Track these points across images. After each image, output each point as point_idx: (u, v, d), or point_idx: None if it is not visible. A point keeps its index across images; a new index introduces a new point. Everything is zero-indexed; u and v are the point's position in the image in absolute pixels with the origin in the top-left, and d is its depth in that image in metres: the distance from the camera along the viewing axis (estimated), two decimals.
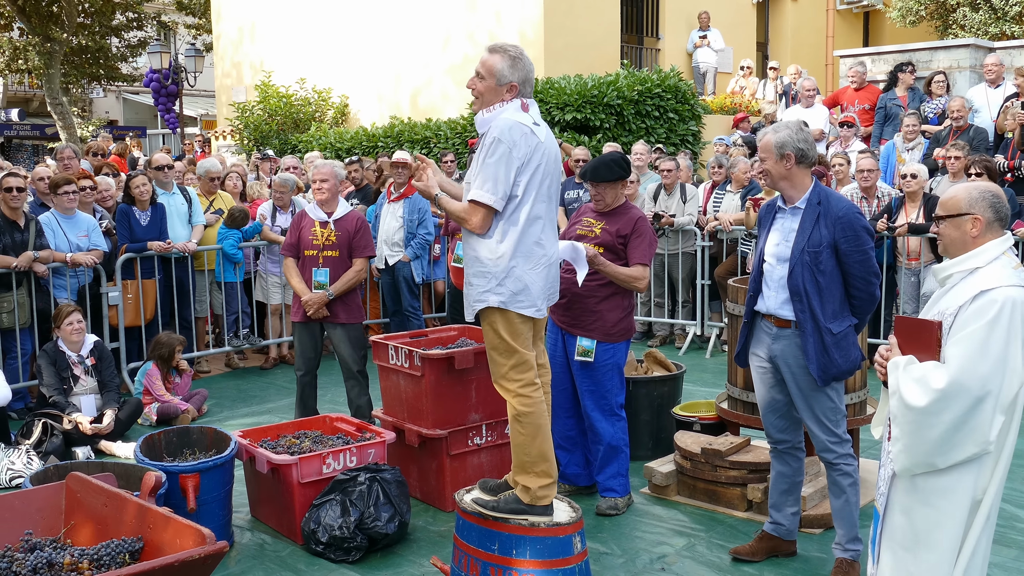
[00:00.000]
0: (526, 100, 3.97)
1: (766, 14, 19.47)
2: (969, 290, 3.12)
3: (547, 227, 3.99)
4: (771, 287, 4.31)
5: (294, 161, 11.08)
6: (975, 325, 3.03)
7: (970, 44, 13.75)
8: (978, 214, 3.20)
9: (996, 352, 3.01)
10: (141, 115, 32.86)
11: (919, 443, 3.10)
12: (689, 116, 12.93)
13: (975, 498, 3.12)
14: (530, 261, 3.90)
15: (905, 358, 3.16)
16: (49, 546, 3.46)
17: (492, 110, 3.94)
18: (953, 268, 3.24)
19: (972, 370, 3.01)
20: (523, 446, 3.93)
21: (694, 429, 5.76)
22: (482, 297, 3.90)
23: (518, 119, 3.88)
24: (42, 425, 6.27)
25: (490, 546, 3.93)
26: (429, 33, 15.96)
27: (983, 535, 3.17)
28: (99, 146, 12.32)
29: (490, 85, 3.94)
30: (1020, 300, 3.05)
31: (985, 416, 3.02)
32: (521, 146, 3.84)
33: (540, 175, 3.91)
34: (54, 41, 22.23)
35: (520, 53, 3.97)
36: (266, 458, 4.83)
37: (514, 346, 3.91)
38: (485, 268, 3.90)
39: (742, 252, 8.85)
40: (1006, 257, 3.18)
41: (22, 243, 7.25)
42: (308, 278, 6.27)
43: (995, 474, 3.14)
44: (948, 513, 3.12)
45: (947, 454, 3.07)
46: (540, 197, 3.92)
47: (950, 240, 3.26)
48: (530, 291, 3.90)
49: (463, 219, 3.91)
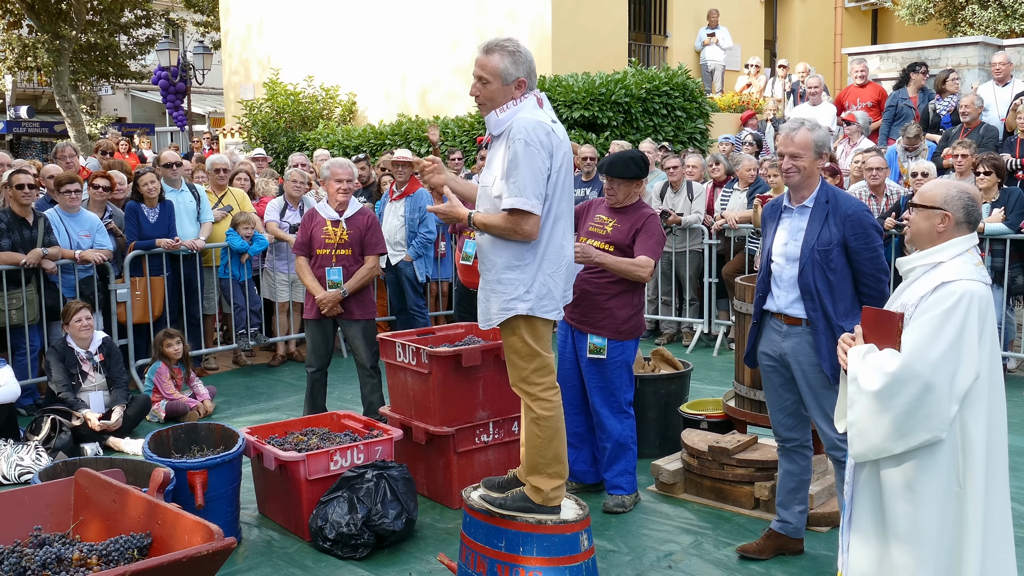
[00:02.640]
0: (540, 96, 3.86)
1: (774, 12, 19.43)
2: (930, 282, 3.22)
3: (567, 227, 3.91)
4: (781, 286, 4.30)
5: (303, 158, 11.08)
6: (931, 313, 3.13)
7: (979, 42, 13.71)
8: (949, 212, 3.29)
9: (948, 340, 3.08)
10: (149, 112, 32.90)
11: (874, 427, 3.17)
12: (697, 114, 12.91)
13: (950, 490, 3.15)
14: (553, 264, 3.83)
15: (866, 347, 3.25)
16: (58, 541, 3.47)
17: (506, 109, 3.79)
18: (917, 262, 3.34)
19: (923, 355, 3.09)
20: (539, 448, 3.89)
21: (701, 427, 5.76)
22: (510, 305, 3.79)
23: (538, 118, 3.76)
24: (51, 421, 6.29)
25: (497, 543, 3.93)
26: (437, 30, 15.96)
27: (990, 534, 3.17)
28: (108, 144, 12.35)
29: (497, 87, 3.78)
30: (978, 293, 3.15)
31: (937, 402, 3.09)
32: (547, 146, 3.72)
33: (563, 174, 3.81)
34: (63, 38, 22.28)
35: (517, 46, 3.81)
36: (274, 455, 4.84)
37: (537, 350, 3.84)
38: (511, 276, 3.79)
39: (750, 250, 8.84)
40: (969, 254, 3.29)
41: (31, 240, 7.27)
42: (320, 277, 6.29)
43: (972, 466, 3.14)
44: (921, 504, 3.16)
45: (900, 439, 3.13)
46: (563, 197, 3.84)
47: (917, 229, 3.36)
48: (553, 295, 3.83)
49: (510, 230, 3.73)
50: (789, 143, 4.19)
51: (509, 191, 3.70)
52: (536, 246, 3.79)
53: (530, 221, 3.71)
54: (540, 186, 3.71)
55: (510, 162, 3.71)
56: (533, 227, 3.73)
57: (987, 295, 3.18)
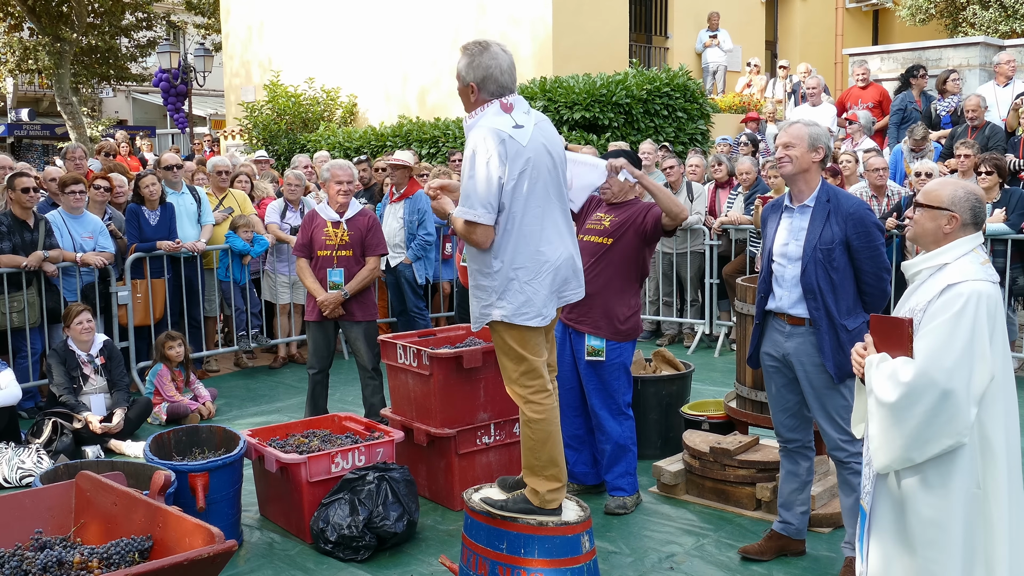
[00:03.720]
0: (507, 100, 3.74)
1: (775, 12, 19.44)
2: (937, 285, 3.17)
3: (548, 230, 3.78)
4: (783, 286, 4.29)
5: (307, 160, 11.08)
6: (941, 318, 3.08)
7: (980, 42, 13.70)
8: (957, 213, 3.24)
9: (962, 344, 3.04)
10: (150, 115, 32.94)
11: (894, 438, 3.12)
12: (698, 115, 12.91)
13: (970, 492, 3.12)
14: (530, 272, 3.72)
15: (879, 356, 3.20)
16: (59, 544, 3.46)
17: (472, 116, 3.76)
18: (922, 264, 3.29)
19: (938, 362, 3.04)
20: (533, 450, 3.89)
21: (703, 428, 5.75)
22: (485, 312, 3.79)
23: (496, 124, 3.66)
24: (52, 424, 6.29)
25: (499, 545, 3.93)
26: (437, 32, 15.97)
27: (1017, 535, 3.13)
28: (111, 146, 12.35)
29: (459, 88, 3.78)
30: (986, 293, 3.09)
31: (956, 408, 3.04)
32: (499, 154, 3.61)
33: (528, 179, 3.69)
34: (64, 41, 22.30)
35: (480, 49, 3.72)
36: (275, 457, 4.84)
37: (523, 354, 3.79)
38: (484, 283, 3.78)
39: (751, 252, 8.83)
40: (974, 253, 3.23)
41: (32, 243, 7.27)
42: (322, 278, 6.29)
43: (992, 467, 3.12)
44: (943, 508, 3.12)
45: (923, 448, 3.09)
46: (535, 201, 3.72)
47: (922, 230, 3.30)
48: (533, 302, 3.73)
49: (464, 236, 3.76)
50: (784, 134, 4.24)
51: (460, 200, 3.72)
52: (500, 255, 3.72)
53: (477, 231, 3.68)
54: (490, 195, 3.63)
55: (462, 171, 3.71)
56: (482, 236, 3.69)
57: (995, 294, 3.13)
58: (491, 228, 3.68)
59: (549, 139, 3.86)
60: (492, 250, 3.73)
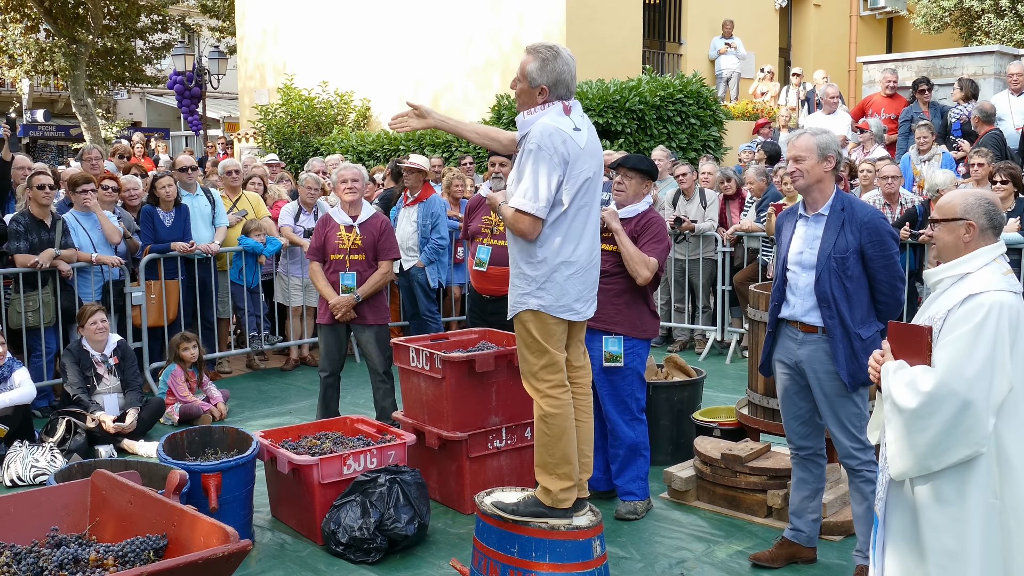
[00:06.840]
0: (568, 103, 3.92)
1: (789, 20, 19.41)
2: (958, 294, 3.17)
3: (588, 231, 3.96)
4: (797, 294, 4.29)
5: (322, 164, 11.11)
6: (963, 328, 3.08)
7: (995, 51, 13.66)
8: (972, 220, 3.25)
9: (983, 355, 3.04)
10: (164, 117, 33.08)
11: (912, 446, 3.12)
12: (711, 121, 12.90)
13: (987, 502, 3.11)
14: (571, 267, 3.89)
15: (896, 363, 3.20)
16: (75, 542, 3.49)
17: (532, 112, 3.92)
18: (944, 273, 3.29)
19: (959, 373, 3.04)
20: (547, 447, 3.93)
21: (714, 434, 5.75)
22: (522, 300, 3.91)
23: (558, 124, 3.83)
24: (66, 423, 6.33)
25: (510, 549, 3.94)
26: (451, 36, 16.01)
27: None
28: (125, 148, 12.42)
29: (524, 88, 3.94)
30: (1008, 304, 3.09)
31: (976, 418, 3.04)
32: (561, 153, 3.79)
33: (581, 180, 3.87)
34: (80, 43, 22.45)
35: (553, 55, 3.90)
36: (287, 458, 4.86)
37: (545, 346, 3.90)
38: (526, 272, 3.90)
39: (762, 261, 8.81)
40: (996, 263, 3.24)
41: (48, 242, 7.32)
42: (335, 282, 6.31)
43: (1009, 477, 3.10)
44: (960, 518, 3.11)
45: (940, 456, 3.09)
46: (582, 202, 3.89)
47: (943, 244, 3.32)
48: (569, 296, 3.89)
49: (511, 224, 3.88)
50: (792, 148, 4.25)
51: (516, 191, 3.84)
52: (546, 247, 3.86)
53: (526, 221, 3.82)
54: (546, 190, 3.79)
55: (521, 164, 3.84)
56: (530, 227, 3.83)
57: (1017, 305, 3.12)
58: (537, 220, 3.82)
59: (598, 148, 4.05)
60: (539, 240, 3.87)
